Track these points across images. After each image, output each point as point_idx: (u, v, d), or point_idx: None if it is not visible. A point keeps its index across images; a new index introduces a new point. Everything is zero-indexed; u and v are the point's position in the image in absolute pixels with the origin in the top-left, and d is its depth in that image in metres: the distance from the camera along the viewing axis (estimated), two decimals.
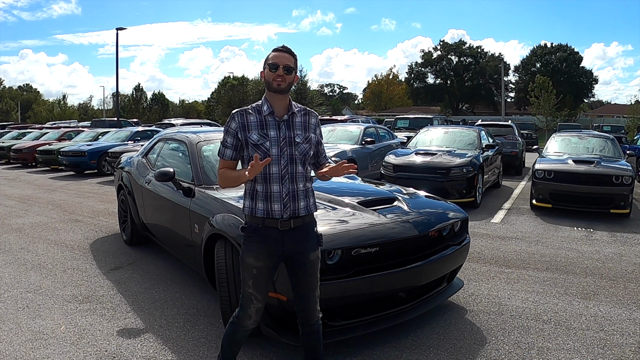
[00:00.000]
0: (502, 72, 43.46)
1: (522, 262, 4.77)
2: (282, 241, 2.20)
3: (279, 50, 2.21)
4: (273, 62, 2.17)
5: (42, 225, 6.54)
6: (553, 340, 3.10)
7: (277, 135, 2.19)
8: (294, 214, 2.19)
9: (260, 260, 2.21)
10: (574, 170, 7.13)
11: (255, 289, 2.24)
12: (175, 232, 4.06)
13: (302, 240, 2.24)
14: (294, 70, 2.19)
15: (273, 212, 2.17)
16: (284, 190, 2.17)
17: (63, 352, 2.94)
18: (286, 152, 2.19)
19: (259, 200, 2.20)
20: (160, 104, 57.54)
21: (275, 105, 2.22)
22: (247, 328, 2.31)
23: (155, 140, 5.30)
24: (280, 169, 2.17)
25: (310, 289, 2.30)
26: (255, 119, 2.21)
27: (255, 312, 2.28)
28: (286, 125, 2.21)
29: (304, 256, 2.25)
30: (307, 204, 2.25)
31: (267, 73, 2.19)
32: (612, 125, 28.25)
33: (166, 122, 18.62)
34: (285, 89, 2.18)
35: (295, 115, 2.24)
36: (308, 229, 2.26)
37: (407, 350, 2.95)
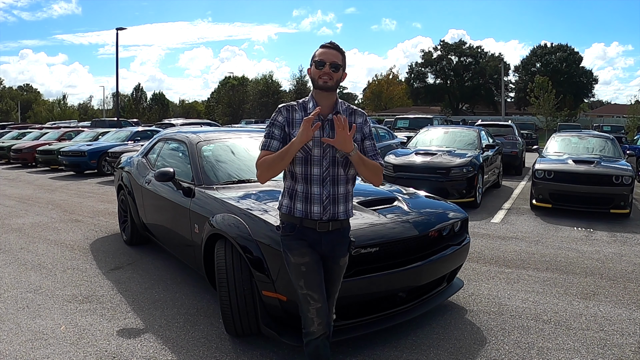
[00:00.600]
0: (502, 72, 43.46)
1: (522, 262, 4.77)
2: (319, 242, 2.15)
3: (326, 47, 2.13)
4: (320, 59, 2.09)
5: (42, 225, 6.54)
6: (553, 340, 3.10)
7: (320, 135, 2.10)
8: (333, 217, 2.14)
9: (306, 256, 2.14)
10: (574, 170, 7.13)
11: (309, 288, 2.13)
12: (175, 232, 4.06)
13: (337, 244, 2.19)
14: (341, 68, 2.12)
15: (312, 214, 2.12)
16: (325, 193, 2.12)
17: (63, 352, 2.94)
18: (328, 154, 2.11)
19: (297, 200, 2.14)
20: (160, 104, 57.60)
21: (322, 104, 2.13)
22: (317, 335, 2.14)
23: (155, 140, 5.30)
24: (321, 171, 2.11)
25: (331, 293, 2.25)
26: (300, 117, 2.13)
27: (317, 313, 2.13)
28: (330, 125, 2.12)
29: (334, 261, 2.21)
30: (347, 208, 2.19)
31: (314, 70, 2.11)
32: (612, 125, 28.25)
33: (166, 122, 18.66)
34: (332, 86, 2.10)
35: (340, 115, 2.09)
36: (344, 233, 2.21)
37: (407, 350, 2.95)
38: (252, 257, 2.84)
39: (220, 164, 4.07)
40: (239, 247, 2.91)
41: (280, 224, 2.21)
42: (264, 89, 46.22)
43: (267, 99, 45.65)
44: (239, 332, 3.01)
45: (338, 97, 2.18)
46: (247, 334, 3.01)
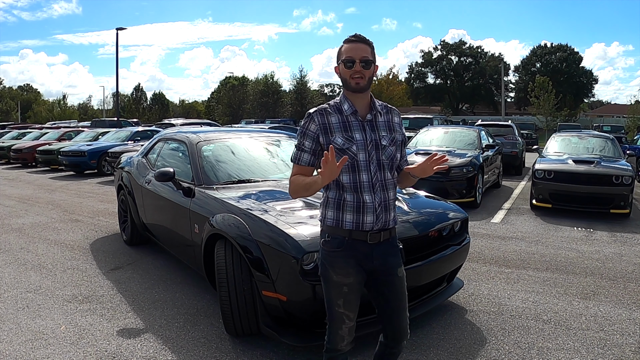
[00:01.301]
0: (502, 72, 43.47)
1: (522, 262, 4.77)
2: (370, 255, 1.96)
3: (351, 41, 1.93)
4: (348, 57, 1.89)
5: (42, 225, 6.54)
6: (553, 340, 3.10)
7: (363, 138, 1.93)
8: (384, 226, 1.97)
9: (350, 276, 1.96)
10: (574, 170, 7.13)
11: (347, 308, 1.99)
12: (175, 232, 4.06)
13: (389, 255, 2.00)
14: (372, 63, 1.92)
15: (364, 225, 1.93)
16: (377, 200, 1.93)
17: (63, 352, 2.94)
18: (374, 157, 1.94)
19: (347, 211, 1.94)
20: (160, 104, 57.62)
21: (358, 105, 1.96)
22: (343, 351, 2.07)
23: (155, 140, 5.30)
24: (370, 177, 1.93)
25: (403, 307, 2.06)
26: (337, 120, 1.94)
27: (349, 332, 2.03)
28: (370, 126, 1.96)
29: (391, 273, 2.01)
30: (395, 214, 2.04)
31: (343, 70, 1.92)
32: (612, 125, 28.23)
33: (166, 122, 18.66)
34: (365, 86, 1.92)
35: (379, 114, 1.99)
36: (394, 242, 2.03)
37: (407, 350, 2.95)
38: (252, 257, 2.84)
39: (220, 164, 4.07)
40: (239, 247, 2.91)
41: (325, 237, 2.00)
42: (264, 89, 46.21)
43: (267, 99, 45.63)
44: (239, 332, 3.01)
45: (372, 95, 2.01)
46: (247, 334, 3.01)
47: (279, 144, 4.71)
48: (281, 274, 2.71)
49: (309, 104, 44.64)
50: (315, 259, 2.70)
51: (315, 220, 2.99)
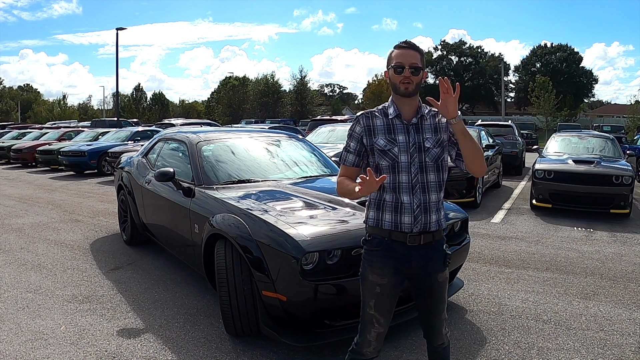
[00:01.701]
0: (502, 72, 43.49)
1: (522, 262, 4.77)
2: (409, 258, 1.96)
3: (402, 47, 1.96)
4: (398, 63, 1.93)
5: (42, 225, 6.54)
6: (553, 340, 3.10)
7: (406, 141, 1.96)
8: (424, 229, 1.96)
9: (385, 277, 1.97)
10: (574, 170, 7.13)
11: (378, 311, 1.99)
12: (175, 232, 4.06)
13: (430, 259, 1.99)
14: (421, 69, 1.95)
15: (402, 225, 1.95)
16: (415, 202, 1.94)
17: (63, 352, 2.94)
18: (416, 159, 1.95)
19: (386, 211, 1.97)
20: (160, 104, 57.61)
21: (404, 109, 1.99)
22: (367, 357, 2.07)
23: (155, 140, 5.30)
24: (410, 178, 1.95)
25: (438, 311, 2.06)
26: (381, 123, 2.00)
27: (376, 337, 2.03)
28: (415, 129, 1.98)
29: (431, 277, 2.01)
30: (439, 217, 2.00)
31: (392, 75, 1.95)
32: (612, 125, 28.26)
33: (166, 122, 18.66)
34: (413, 92, 1.95)
35: (425, 118, 2.01)
36: (437, 246, 2.01)
37: (407, 350, 2.95)
38: (252, 257, 2.84)
39: (220, 164, 4.07)
40: (239, 247, 2.91)
41: (367, 237, 2.04)
42: (265, 89, 46.22)
43: (267, 99, 45.64)
44: (239, 332, 3.01)
45: (420, 100, 2.04)
46: (247, 334, 3.01)
47: (279, 144, 4.71)
48: (281, 274, 2.71)
49: (309, 104, 44.67)
50: (315, 259, 2.71)
51: (316, 220, 3.00)
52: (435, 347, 2.15)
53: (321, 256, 2.71)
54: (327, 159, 4.78)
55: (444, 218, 2.06)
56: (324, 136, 10.40)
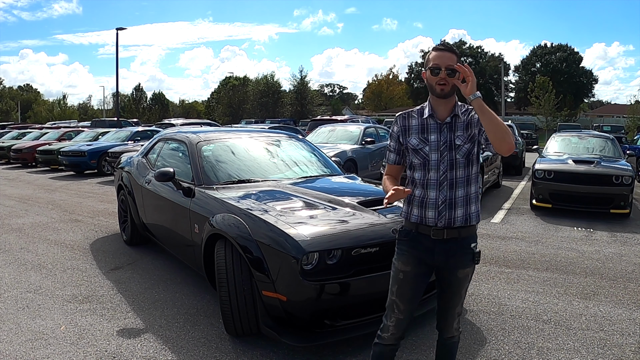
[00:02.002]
0: (502, 72, 43.48)
1: (522, 262, 4.77)
2: (432, 251, 2.06)
3: (439, 50, 2.03)
4: (434, 65, 2.00)
5: (42, 225, 6.54)
6: (553, 340, 3.10)
7: (437, 140, 2.05)
8: (449, 224, 2.03)
9: (408, 265, 2.09)
10: (574, 170, 7.13)
11: (399, 297, 2.11)
12: (175, 232, 4.06)
13: (454, 254, 2.06)
14: (457, 71, 2.00)
15: (427, 220, 2.05)
16: (440, 198, 2.03)
17: (63, 352, 2.94)
18: (446, 157, 2.04)
19: (414, 205, 2.09)
20: (160, 104, 57.60)
21: (439, 109, 2.07)
22: (385, 342, 2.16)
23: (155, 140, 5.30)
24: (438, 175, 2.04)
25: (451, 305, 2.16)
26: (416, 123, 2.10)
27: (395, 324, 2.13)
28: (448, 127, 2.05)
29: (452, 272, 2.09)
30: (467, 212, 2.05)
31: (429, 76, 2.03)
32: (612, 125, 28.24)
33: (166, 122, 18.64)
34: (448, 93, 2.02)
35: (459, 118, 2.06)
36: (463, 243, 2.06)
37: (407, 350, 2.95)
38: (252, 257, 2.84)
39: (220, 164, 4.07)
40: (239, 247, 2.91)
41: (399, 227, 2.19)
42: (265, 89, 46.22)
43: (267, 99, 45.64)
44: (239, 332, 3.01)
45: (457, 100, 2.09)
46: (247, 334, 3.01)
47: (279, 144, 4.71)
48: (281, 274, 2.71)
49: (309, 104, 44.66)
50: (315, 259, 2.71)
51: (316, 220, 3.00)
52: (445, 339, 2.24)
53: (321, 256, 2.71)
54: (327, 159, 4.78)
55: (477, 213, 2.09)
56: (324, 136, 10.41)
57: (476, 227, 2.12)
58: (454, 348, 2.27)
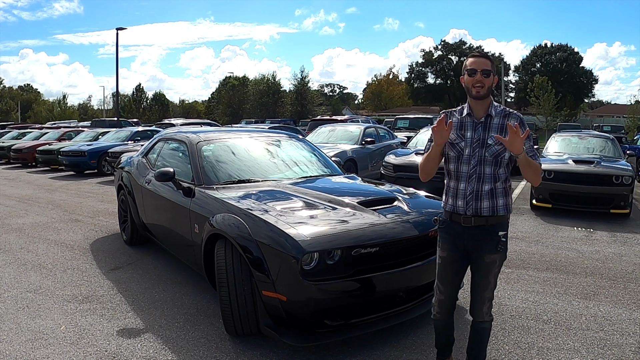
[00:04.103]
0: (502, 72, 43.46)
1: (522, 262, 4.77)
2: (462, 236, 2.31)
3: (475, 56, 2.29)
4: (471, 68, 2.24)
5: (42, 225, 6.54)
6: (553, 340, 3.10)
7: (472, 137, 2.29)
8: (476, 212, 2.26)
9: (444, 251, 2.37)
10: (574, 170, 7.13)
11: (440, 280, 2.42)
12: (175, 232, 4.06)
13: (480, 240, 2.29)
14: (492, 73, 2.25)
15: (457, 208, 2.30)
16: (469, 189, 2.27)
17: (63, 352, 2.94)
18: (477, 153, 2.27)
19: (449, 195, 2.35)
20: (160, 104, 57.59)
21: (475, 109, 2.31)
22: (437, 318, 2.50)
23: (155, 140, 5.30)
24: (469, 168, 2.28)
25: (481, 288, 2.37)
26: (456, 120, 2.34)
27: (438, 303, 2.45)
28: (482, 126, 2.29)
29: (479, 256, 2.31)
30: (493, 204, 2.27)
31: (467, 79, 2.27)
32: (612, 125, 28.24)
33: (166, 122, 18.64)
34: (484, 94, 2.25)
35: (492, 118, 2.29)
36: (491, 230, 2.28)
37: (407, 350, 2.95)
38: (252, 257, 2.84)
39: (220, 164, 4.07)
40: (239, 247, 2.91)
41: (438, 217, 2.44)
42: (265, 89, 46.21)
43: (267, 99, 45.63)
44: (239, 332, 3.01)
45: (492, 101, 2.33)
46: (247, 334, 3.01)
47: (279, 144, 4.71)
48: (281, 274, 2.71)
49: (309, 104, 44.66)
50: (315, 259, 2.71)
51: (316, 220, 3.00)
52: (476, 322, 2.44)
53: (321, 256, 2.71)
54: (327, 159, 4.78)
55: (505, 205, 2.30)
56: (324, 136, 10.41)
57: (506, 217, 2.32)
58: (484, 334, 2.46)
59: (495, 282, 2.37)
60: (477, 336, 2.47)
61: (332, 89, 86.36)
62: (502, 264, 2.36)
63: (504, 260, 2.37)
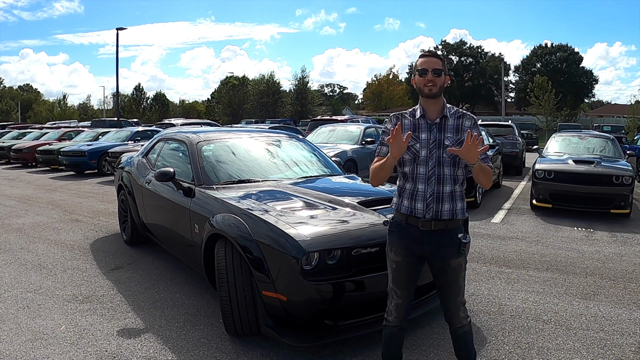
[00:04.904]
0: (502, 72, 43.49)
1: (522, 262, 4.77)
2: (421, 241, 2.20)
3: (425, 56, 2.24)
4: (422, 68, 2.20)
5: (42, 225, 6.54)
6: (553, 340, 3.10)
7: (427, 138, 2.22)
8: (436, 216, 2.18)
9: (399, 256, 2.25)
10: (574, 170, 7.12)
11: (395, 284, 2.30)
12: (175, 232, 4.06)
13: (442, 244, 2.20)
14: (443, 72, 2.21)
15: (416, 211, 2.20)
16: (429, 191, 2.19)
17: (63, 352, 2.94)
18: (435, 154, 2.20)
19: (405, 197, 2.25)
20: (161, 104, 57.60)
21: (429, 110, 2.24)
22: (390, 324, 2.38)
23: (155, 140, 5.30)
24: (427, 170, 2.20)
25: (451, 294, 2.27)
26: (409, 123, 2.27)
27: (395, 308, 2.33)
28: (437, 127, 2.22)
29: (444, 262, 2.22)
30: (453, 207, 2.21)
31: (418, 79, 2.23)
32: (612, 125, 28.24)
33: (166, 122, 18.64)
34: (437, 93, 2.20)
35: (448, 119, 2.23)
36: (451, 234, 2.20)
37: (407, 350, 2.95)
38: (252, 257, 2.84)
39: (220, 164, 4.07)
40: (239, 247, 2.91)
41: (390, 219, 2.34)
42: (265, 89, 46.21)
43: (267, 99, 45.63)
44: (239, 332, 3.01)
45: (445, 102, 2.26)
46: (247, 334, 3.01)
47: (279, 144, 4.71)
48: (281, 274, 2.71)
49: (309, 104, 44.66)
50: (315, 259, 2.71)
51: (316, 220, 3.00)
52: (455, 329, 2.35)
53: (321, 256, 2.71)
54: (327, 159, 4.78)
55: (462, 209, 2.24)
56: (324, 136, 10.41)
57: (462, 222, 2.26)
58: (467, 337, 2.36)
59: (464, 284, 2.31)
60: (461, 341, 2.37)
61: (332, 89, 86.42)
62: (466, 266, 2.29)
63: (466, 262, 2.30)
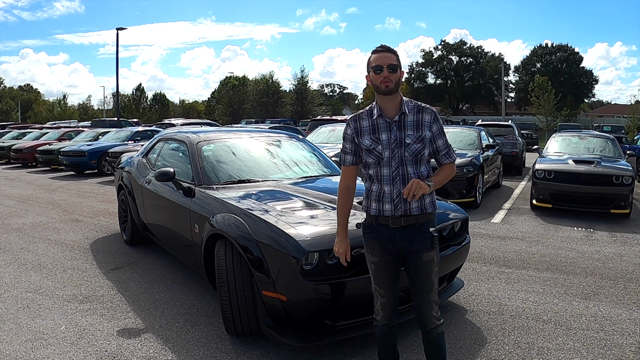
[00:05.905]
0: (502, 72, 43.47)
1: (522, 262, 4.77)
2: (393, 239, 2.19)
3: (378, 52, 2.17)
4: (376, 65, 2.13)
5: (42, 225, 6.54)
6: (553, 340, 3.10)
7: (388, 138, 2.17)
8: (405, 213, 2.16)
9: (375, 256, 2.25)
10: (574, 170, 7.12)
11: (377, 284, 2.29)
12: (175, 232, 4.06)
13: (414, 239, 2.18)
14: (398, 67, 2.14)
15: (384, 212, 2.18)
16: (395, 192, 2.16)
17: (63, 352, 2.94)
18: (397, 154, 2.16)
19: (372, 199, 2.22)
20: (161, 104, 57.60)
21: (386, 107, 2.19)
22: (380, 323, 2.34)
23: (155, 140, 5.30)
24: (391, 171, 2.17)
25: (423, 290, 2.22)
26: (367, 124, 2.21)
27: (381, 307, 2.31)
28: (397, 126, 2.17)
29: (416, 256, 2.19)
30: (421, 203, 2.18)
31: (373, 76, 2.16)
32: (612, 125, 28.25)
33: (166, 122, 18.65)
34: (393, 89, 2.15)
35: (407, 115, 2.18)
36: (422, 228, 2.19)
37: (407, 350, 2.95)
38: (252, 257, 2.84)
39: (220, 164, 4.07)
40: (239, 247, 2.91)
41: (363, 221, 2.31)
42: (265, 89, 46.21)
43: (267, 99, 45.62)
44: (239, 332, 3.01)
45: (402, 97, 2.21)
46: (247, 334, 3.01)
47: (279, 144, 4.71)
48: (281, 274, 2.71)
49: (309, 104, 44.66)
50: (315, 259, 2.71)
51: (316, 220, 3.00)
52: (428, 331, 2.26)
53: (321, 256, 2.71)
54: (328, 159, 4.78)
55: (431, 203, 2.22)
56: (324, 136, 10.40)
57: (433, 214, 2.25)
58: (440, 340, 2.28)
59: (437, 282, 2.25)
60: (435, 346, 2.28)
61: (333, 89, 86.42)
62: (438, 261, 2.25)
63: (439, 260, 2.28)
